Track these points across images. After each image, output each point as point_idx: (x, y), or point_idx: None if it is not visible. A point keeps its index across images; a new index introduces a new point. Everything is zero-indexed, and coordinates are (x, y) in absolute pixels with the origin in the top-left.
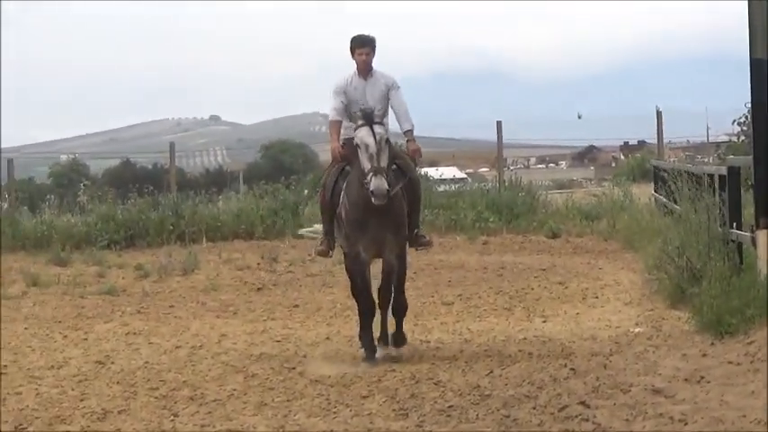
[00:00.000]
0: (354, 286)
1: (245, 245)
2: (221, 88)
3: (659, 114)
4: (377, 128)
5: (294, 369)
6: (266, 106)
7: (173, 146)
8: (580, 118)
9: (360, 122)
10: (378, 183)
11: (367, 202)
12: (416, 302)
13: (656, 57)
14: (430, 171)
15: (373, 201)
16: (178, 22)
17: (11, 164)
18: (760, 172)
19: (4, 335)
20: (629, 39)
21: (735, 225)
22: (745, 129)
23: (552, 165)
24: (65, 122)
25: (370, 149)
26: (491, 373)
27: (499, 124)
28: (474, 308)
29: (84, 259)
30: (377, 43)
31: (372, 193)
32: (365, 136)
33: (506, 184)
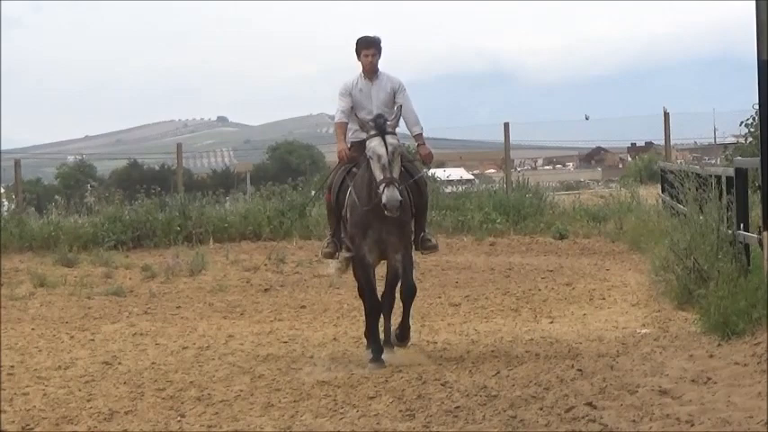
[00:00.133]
0: (360, 287)
1: (252, 246)
2: (229, 90)
3: (666, 116)
4: (389, 138)
5: (301, 370)
6: (273, 107)
7: (180, 147)
8: (587, 119)
9: (372, 132)
10: (390, 194)
11: (371, 204)
12: (423, 303)
13: (663, 57)
14: (437, 172)
15: (386, 213)
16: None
17: (18, 165)
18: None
19: (11, 335)
20: (635, 39)
21: (742, 226)
22: (753, 130)
23: (559, 166)
24: (72, 123)
25: (383, 160)
26: (498, 373)
27: (506, 126)
28: (481, 309)
29: (92, 260)
30: (382, 44)
31: (385, 206)
32: (377, 146)
33: (513, 185)
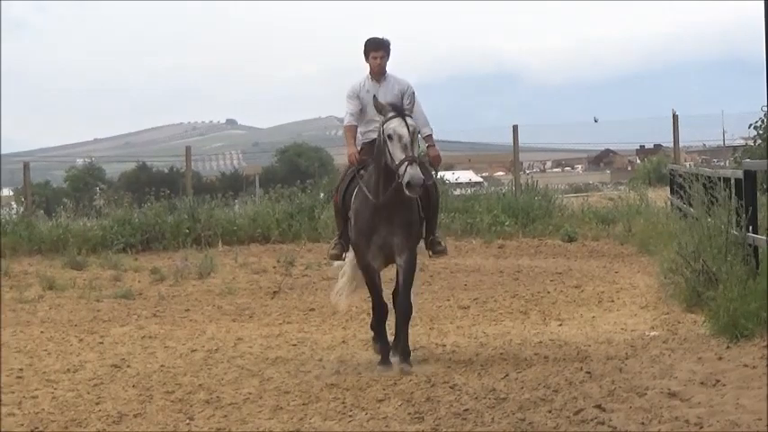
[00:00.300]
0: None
1: (261, 248)
2: (237, 92)
3: (675, 118)
4: (408, 119)
5: (310, 373)
6: (282, 110)
7: (189, 149)
8: (596, 121)
9: (390, 114)
10: (413, 172)
11: (374, 209)
12: (432, 306)
13: (672, 59)
14: (446, 175)
15: (407, 192)
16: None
17: (27, 168)
18: None
19: (20, 338)
20: (643, 41)
21: (751, 229)
22: (762, 132)
23: (568, 168)
24: (81, 126)
25: (404, 140)
26: (507, 376)
27: (515, 128)
28: (490, 311)
29: (101, 263)
30: (391, 47)
31: (408, 184)
32: (398, 126)
33: (522, 187)
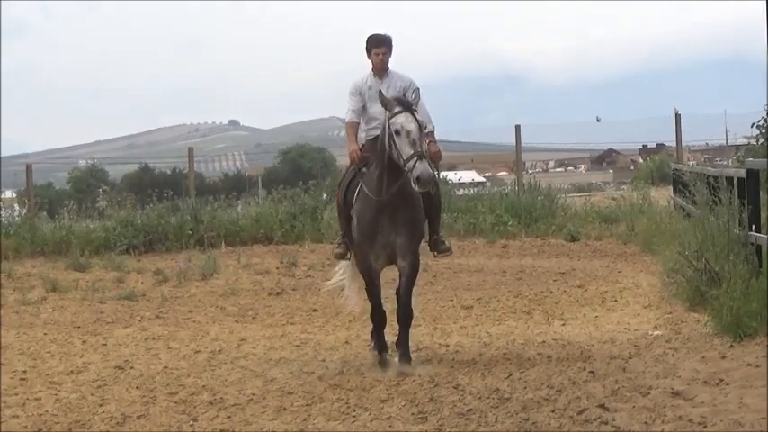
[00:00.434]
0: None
1: (264, 249)
2: (240, 93)
3: (678, 117)
4: (416, 114)
5: (313, 373)
6: (285, 111)
7: (191, 151)
8: (599, 121)
9: (397, 109)
10: (423, 167)
11: (376, 208)
12: (435, 306)
13: (674, 59)
14: (449, 175)
15: (417, 188)
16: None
17: (29, 169)
18: None
19: (23, 340)
20: (646, 41)
21: (753, 227)
22: (764, 131)
23: (571, 168)
24: (83, 127)
25: (413, 135)
26: (510, 376)
27: (518, 128)
28: (493, 311)
29: (104, 264)
30: (393, 43)
31: (418, 179)
32: (405, 121)
33: (525, 187)
